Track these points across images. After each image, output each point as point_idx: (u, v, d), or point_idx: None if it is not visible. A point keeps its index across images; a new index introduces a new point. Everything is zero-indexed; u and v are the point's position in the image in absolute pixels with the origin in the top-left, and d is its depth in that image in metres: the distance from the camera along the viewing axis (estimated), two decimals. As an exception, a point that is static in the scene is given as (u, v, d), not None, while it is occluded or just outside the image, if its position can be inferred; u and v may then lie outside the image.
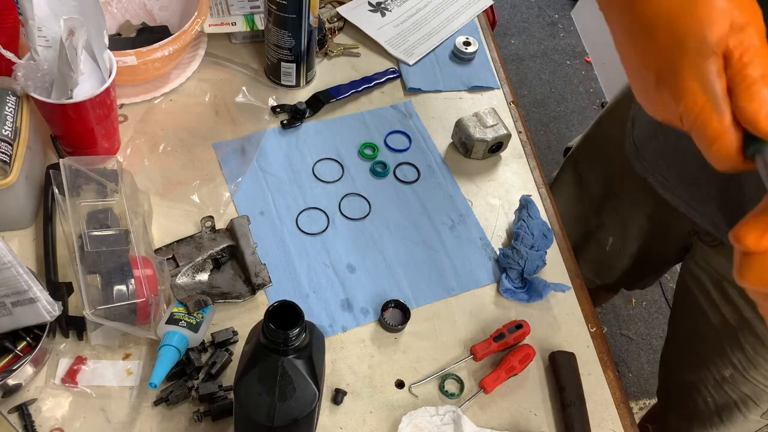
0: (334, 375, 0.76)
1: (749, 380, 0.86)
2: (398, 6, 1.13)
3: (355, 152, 0.95)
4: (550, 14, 2.64)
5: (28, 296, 0.66)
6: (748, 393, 0.87)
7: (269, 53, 0.97)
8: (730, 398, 0.90)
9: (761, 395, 0.86)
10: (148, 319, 0.71)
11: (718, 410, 0.92)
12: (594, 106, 2.37)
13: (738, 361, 0.85)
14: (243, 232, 0.81)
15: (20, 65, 0.76)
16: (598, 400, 0.78)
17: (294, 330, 0.54)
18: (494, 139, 0.93)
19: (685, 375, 0.97)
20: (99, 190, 0.78)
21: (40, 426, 0.69)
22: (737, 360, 0.85)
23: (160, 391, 0.71)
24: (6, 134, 0.74)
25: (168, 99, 0.96)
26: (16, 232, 0.81)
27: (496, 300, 0.84)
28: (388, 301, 0.80)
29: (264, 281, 0.79)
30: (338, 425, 0.73)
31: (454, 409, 0.73)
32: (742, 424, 0.91)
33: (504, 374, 0.77)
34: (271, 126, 0.96)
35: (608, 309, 1.91)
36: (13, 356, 0.72)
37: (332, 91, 0.99)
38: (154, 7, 1.02)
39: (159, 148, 0.91)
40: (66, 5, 0.75)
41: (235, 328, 0.76)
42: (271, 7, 0.90)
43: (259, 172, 0.91)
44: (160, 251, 0.80)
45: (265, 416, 0.56)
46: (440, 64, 1.07)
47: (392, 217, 0.90)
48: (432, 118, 1.00)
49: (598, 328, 0.83)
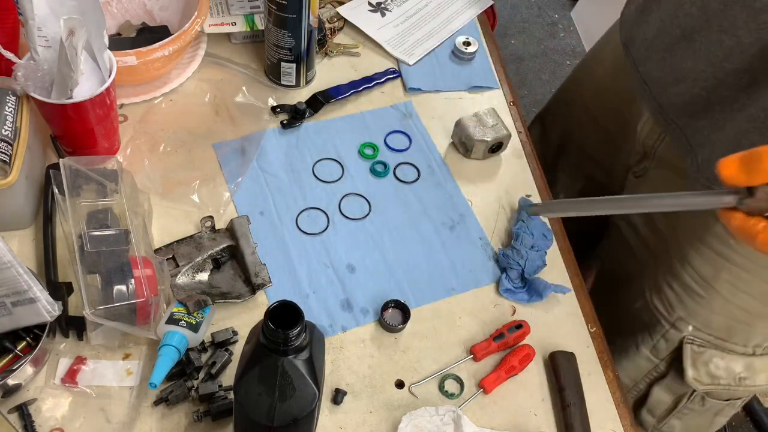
0: (334, 375, 0.76)
1: (650, 308, 0.89)
2: (398, 6, 1.13)
3: (355, 152, 0.95)
4: (550, 14, 2.64)
5: (28, 296, 0.66)
6: (647, 322, 0.90)
7: (269, 53, 0.97)
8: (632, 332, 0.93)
9: (655, 325, 0.89)
10: (148, 319, 0.71)
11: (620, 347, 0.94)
12: (594, 106, 2.37)
13: (648, 289, 0.90)
14: (243, 232, 0.81)
15: (20, 65, 0.76)
16: (598, 400, 0.78)
17: (294, 330, 0.54)
18: (494, 139, 0.93)
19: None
20: (99, 190, 0.78)
21: (40, 426, 0.69)
22: (648, 289, 0.90)
23: (160, 391, 0.71)
24: (6, 134, 0.74)
25: (168, 99, 0.96)
26: (16, 232, 0.81)
27: (496, 300, 0.84)
28: (388, 301, 0.80)
29: (264, 281, 0.79)
30: (338, 425, 0.73)
31: (454, 409, 0.73)
32: (633, 359, 0.93)
33: (504, 374, 0.77)
34: (271, 126, 0.96)
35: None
36: (13, 356, 0.72)
37: (332, 91, 0.99)
38: (154, 7, 1.02)
39: (159, 148, 0.91)
40: (66, 5, 0.75)
41: (235, 328, 0.76)
42: (271, 7, 0.90)
43: (259, 172, 0.91)
44: (160, 251, 0.80)
45: (265, 416, 0.56)
46: (440, 64, 1.07)
47: (392, 217, 0.90)
48: (432, 118, 1.00)
49: (598, 328, 0.83)
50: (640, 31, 0.84)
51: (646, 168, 0.90)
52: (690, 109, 0.78)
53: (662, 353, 0.90)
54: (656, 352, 0.91)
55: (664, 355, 0.90)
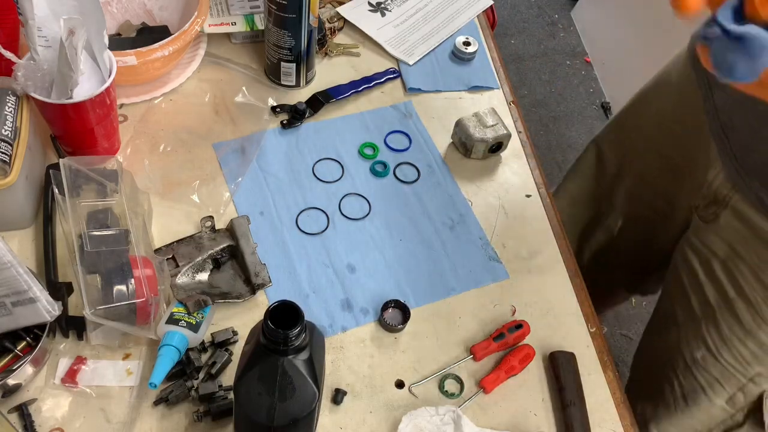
0: (334, 375, 0.76)
1: (719, 362, 0.86)
2: (398, 6, 1.13)
3: (355, 152, 0.95)
4: (550, 14, 2.64)
5: (28, 296, 0.66)
6: (717, 375, 0.88)
7: (269, 53, 0.97)
8: (698, 383, 0.90)
9: (729, 378, 0.87)
10: (148, 319, 0.71)
11: (684, 395, 0.92)
12: (594, 106, 2.37)
13: (712, 341, 0.86)
14: (243, 232, 0.81)
15: (20, 65, 0.76)
16: (598, 400, 0.78)
17: (294, 330, 0.54)
18: (494, 139, 0.93)
19: (657, 361, 0.98)
20: (99, 190, 0.78)
21: (40, 426, 0.69)
22: (711, 341, 0.86)
23: (160, 391, 0.71)
24: (6, 134, 0.74)
25: (168, 99, 0.96)
26: (16, 232, 0.81)
27: (496, 300, 0.84)
28: (388, 301, 0.80)
29: (264, 281, 0.79)
30: (338, 425, 0.73)
31: (454, 409, 0.73)
32: (706, 410, 0.91)
33: (504, 374, 0.77)
34: (271, 126, 0.96)
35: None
36: (13, 356, 0.72)
37: (332, 91, 0.99)
38: (154, 7, 1.02)
39: (159, 148, 0.91)
40: (66, 5, 0.75)
41: (235, 328, 0.76)
42: (271, 7, 0.90)
43: (259, 172, 0.91)
44: (160, 251, 0.80)
45: (265, 416, 0.56)
46: (440, 64, 1.07)
47: (392, 217, 0.90)
48: (432, 118, 1.00)
49: (598, 328, 0.83)
50: None
51: (716, 214, 0.84)
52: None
53: (739, 404, 0.88)
54: (733, 404, 0.89)
55: (742, 406, 0.88)
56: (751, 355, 0.84)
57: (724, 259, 0.83)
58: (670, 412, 0.95)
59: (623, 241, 1.11)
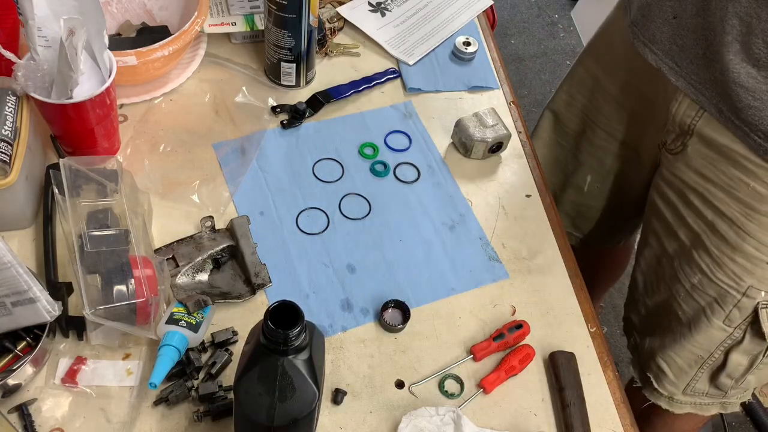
0: (334, 375, 0.76)
1: (715, 282, 0.88)
2: (398, 6, 1.13)
3: (355, 152, 0.95)
4: (550, 14, 2.64)
5: (28, 296, 0.66)
6: (714, 295, 0.90)
7: (269, 53, 0.97)
8: (699, 305, 0.92)
9: (725, 296, 0.89)
10: (148, 319, 0.71)
11: (689, 321, 0.94)
12: (594, 106, 2.37)
13: (705, 264, 0.88)
14: (243, 232, 0.81)
15: (20, 65, 0.76)
16: (598, 400, 0.78)
17: (294, 330, 0.54)
18: (494, 139, 0.93)
19: (656, 298, 0.99)
20: (99, 190, 0.78)
21: (40, 426, 0.69)
22: (704, 264, 0.89)
23: (160, 391, 0.71)
24: (6, 134, 0.74)
25: (168, 99, 0.96)
26: (16, 232, 0.81)
27: (496, 300, 0.84)
28: (388, 301, 0.80)
29: (264, 281, 0.79)
30: (338, 425, 0.73)
31: (454, 409, 0.73)
32: (706, 332, 0.93)
33: (504, 374, 0.77)
34: (271, 126, 0.96)
35: (608, 309, 1.90)
36: (13, 356, 0.72)
37: (332, 91, 0.99)
38: (154, 7, 1.02)
39: (159, 148, 0.91)
40: (66, 5, 0.75)
41: (235, 328, 0.76)
42: (271, 7, 0.90)
43: (259, 172, 0.91)
44: (160, 251, 0.80)
45: (265, 416, 0.56)
46: (440, 64, 1.07)
47: (392, 217, 0.90)
48: (432, 118, 1.00)
49: (598, 328, 0.83)
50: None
51: (684, 144, 0.89)
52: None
53: (736, 321, 0.90)
54: (730, 322, 0.91)
55: (739, 322, 0.90)
56: (741, 269, 0.86)
57: (695, 187, 0.87)
58: (675, 340, 0.97)
59: (595, 197, 1.14)
